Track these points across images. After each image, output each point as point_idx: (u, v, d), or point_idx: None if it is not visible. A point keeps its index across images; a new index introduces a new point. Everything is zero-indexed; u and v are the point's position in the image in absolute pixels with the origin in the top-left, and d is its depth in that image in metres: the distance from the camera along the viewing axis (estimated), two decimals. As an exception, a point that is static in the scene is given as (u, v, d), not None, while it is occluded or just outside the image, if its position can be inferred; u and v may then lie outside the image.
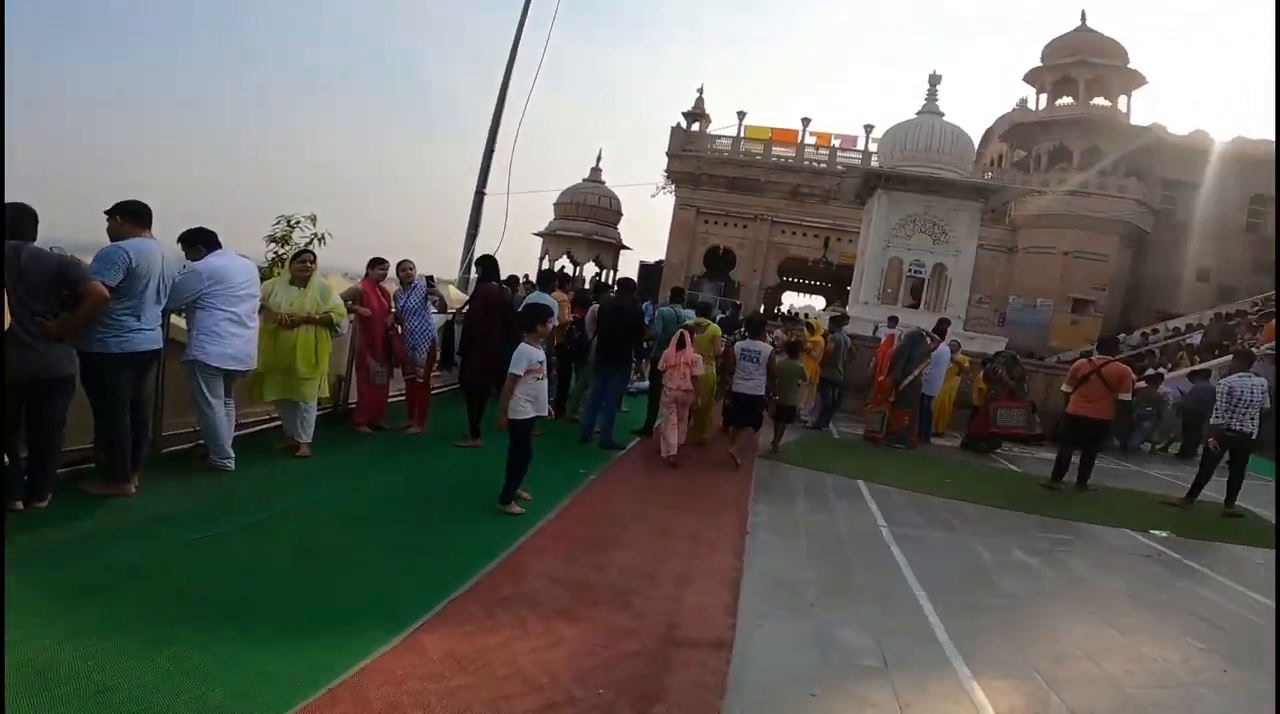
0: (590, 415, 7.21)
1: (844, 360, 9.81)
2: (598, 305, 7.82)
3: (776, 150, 28.91)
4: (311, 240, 7.31)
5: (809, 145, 28.80)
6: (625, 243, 30.74)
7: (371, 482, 5.01)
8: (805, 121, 29.01)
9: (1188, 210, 25.31)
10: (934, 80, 16.23)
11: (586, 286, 28.68)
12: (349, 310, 5.75)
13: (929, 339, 9.68)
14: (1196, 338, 20.82)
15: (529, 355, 4.43)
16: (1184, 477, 9.30)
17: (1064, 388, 7.83)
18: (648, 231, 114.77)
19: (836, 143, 28.61)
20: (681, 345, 6.67)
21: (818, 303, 36.80)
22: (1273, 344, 16.62)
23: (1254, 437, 6.95)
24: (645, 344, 8.23)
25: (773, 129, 29.53)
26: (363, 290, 6.27)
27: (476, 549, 3.84)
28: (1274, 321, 18.68)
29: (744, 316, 11.20)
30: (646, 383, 8.72)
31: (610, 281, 23.12)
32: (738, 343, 7.43)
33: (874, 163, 20.61)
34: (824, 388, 9.89)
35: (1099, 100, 25.74)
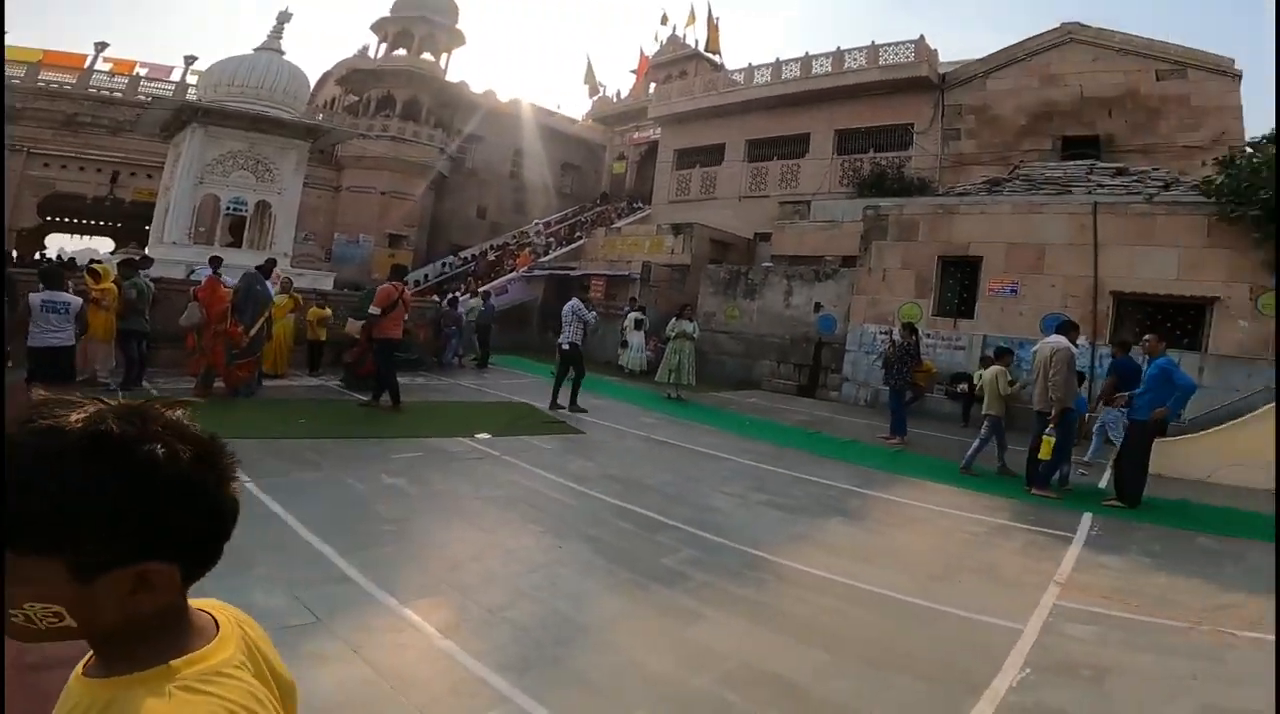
0: None
1: (148, 308, 8.48)
2: None
3: (48, 76, 22.32)
4: None
5: (101, 72, 23.27)
6: None
7: None
8: (100, 46, 23.50)
9: (474, 158, 30.13)
10: (283, 18, 15.98)
11: None
12: None
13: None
14: (474, 266, 25.27)
15: None
16: (489, 384, 11.74)
17: (373, 310, 8.21)
18: None
19: (143, 72, 24.02)
20: None
21: (104, 245, 29.81)
22: (529, 267, 21.90)
23: (567, 346, 9.24)
24: None
25: (45, 51, 22.96)
26: None
27: None
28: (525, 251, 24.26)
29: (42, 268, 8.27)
30: None
31: None
32: (35, 294, 6.31)
33: (190, 95, 18.97)
34: (126, 341, 8.32)
35: (427, 55, 27.91)
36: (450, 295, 16.27)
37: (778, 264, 16.43)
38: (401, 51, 27.86)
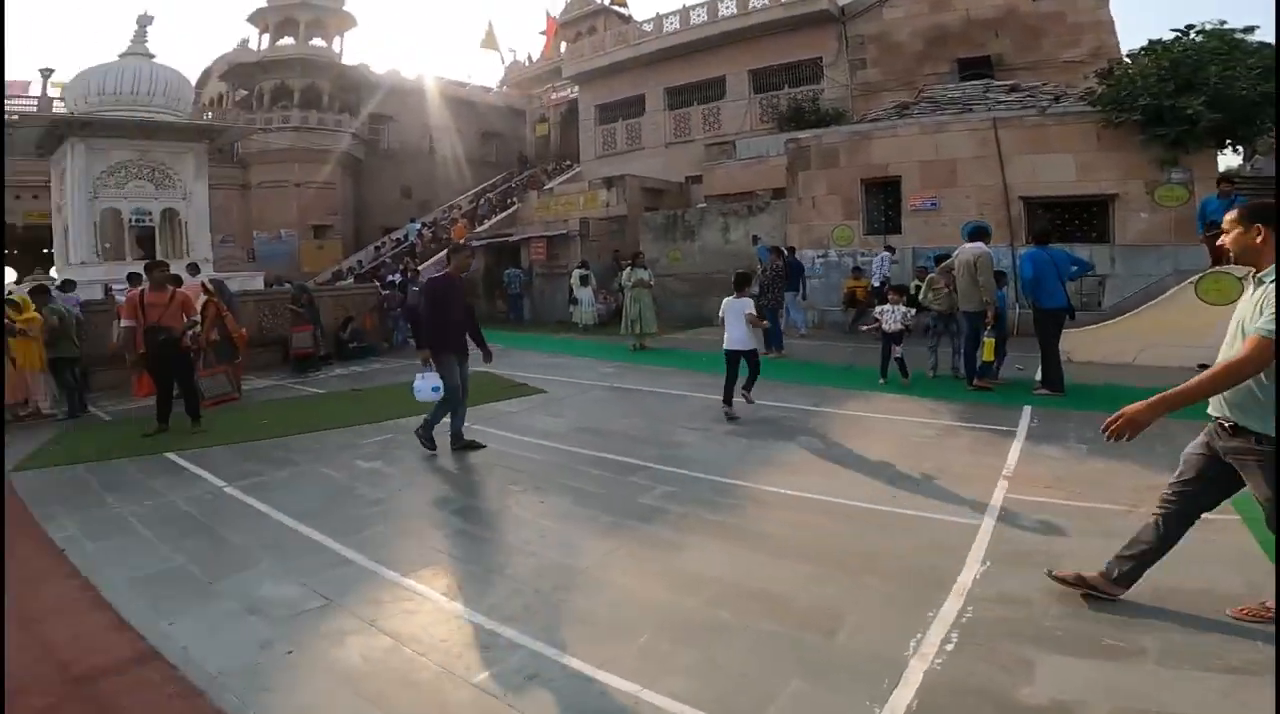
0: None
1: (75, 332, 7.97)
2: None
3: (-108, 99, 7.45)
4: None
5: (-54, 90, 8.48)
6: None
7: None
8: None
9: (389, 139, 30.01)
10: (144, 22, 15.11)
11: None
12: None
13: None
14: (412, 245, 23.41)
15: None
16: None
17: (125, 323, 6.91)
18: None
19: (-9, 84, 1.33)
20: None
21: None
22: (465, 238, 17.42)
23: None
24: None
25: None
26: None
27: None
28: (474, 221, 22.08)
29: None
30: None
31: None
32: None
33: (58, 108, 18.24)
34: (58, 369, 7.87)
35: (317, 40, 28.29)
36: (390, 277, 15.73)
37: (711, 204, 16.79)
38: (289, 40, 27.80)
